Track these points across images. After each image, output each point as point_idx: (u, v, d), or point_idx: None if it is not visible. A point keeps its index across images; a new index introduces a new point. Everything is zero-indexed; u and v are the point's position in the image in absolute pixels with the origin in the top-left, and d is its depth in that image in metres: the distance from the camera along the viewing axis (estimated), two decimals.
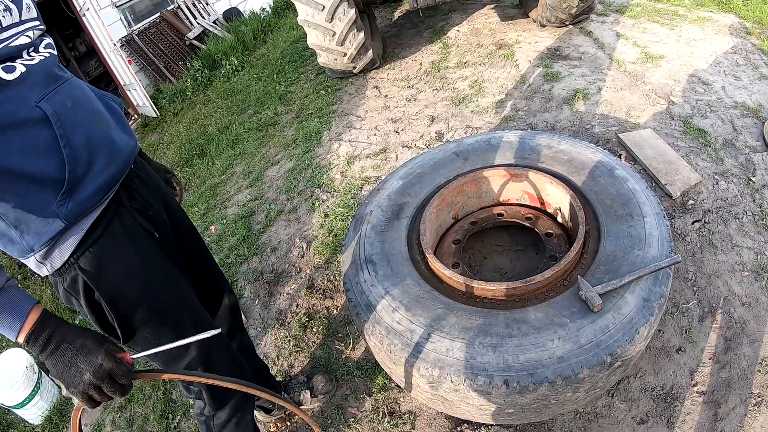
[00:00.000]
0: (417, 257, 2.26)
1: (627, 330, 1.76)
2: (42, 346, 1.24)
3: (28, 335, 1.24)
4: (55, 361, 1.24)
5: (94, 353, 1.23)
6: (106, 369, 1.23)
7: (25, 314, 1.24)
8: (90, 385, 1.22)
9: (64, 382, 1.23)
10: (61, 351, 1.24)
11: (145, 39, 9.36)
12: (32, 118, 1.30)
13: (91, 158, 1.43)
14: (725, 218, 2.88)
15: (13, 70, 1.28)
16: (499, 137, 2.71)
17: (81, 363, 1.23)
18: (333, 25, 4.70)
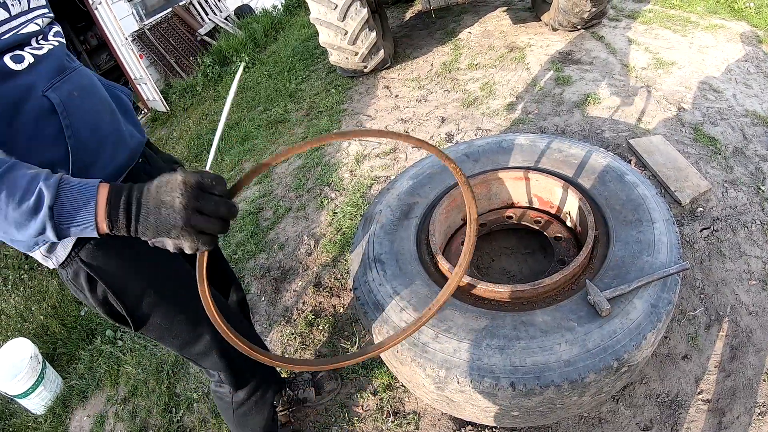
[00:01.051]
0: (426, 257, 2.26)
1: (634, 335, 1.76)
2: (126, 216, 1.10)
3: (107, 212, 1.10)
4: (144, 220, 1.09)
5: (171, 179, 1.08)
6: (192, 183, 1.08)
7: (94, 189, 1.10)
8: (188, 210, 1.06)
9: (163, 230, 1.09)
10: (144, 204, 1.09)
11: (157, 34, 9.39)
12: (40, 107, 1.29)
13: (97, 149, 1.42)
14: (734, 226, 2.87)
15: (22, 60, 1.27)
16: (510, 140, 2.71)
17: (166, 196, 1.07)
18: (345, 24, 4.71)
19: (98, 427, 3.01)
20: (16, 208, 1.06)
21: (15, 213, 1.07)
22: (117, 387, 3.17)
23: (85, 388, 3.26)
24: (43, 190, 1.07)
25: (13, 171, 1.09)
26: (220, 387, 1.98)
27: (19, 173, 1.09)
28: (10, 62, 1.23)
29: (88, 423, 3.08)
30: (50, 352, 3.63)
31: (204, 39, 9.65)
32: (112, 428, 2.96)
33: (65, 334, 3.73)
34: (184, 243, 1.10)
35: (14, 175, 1.08)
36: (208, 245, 1.12)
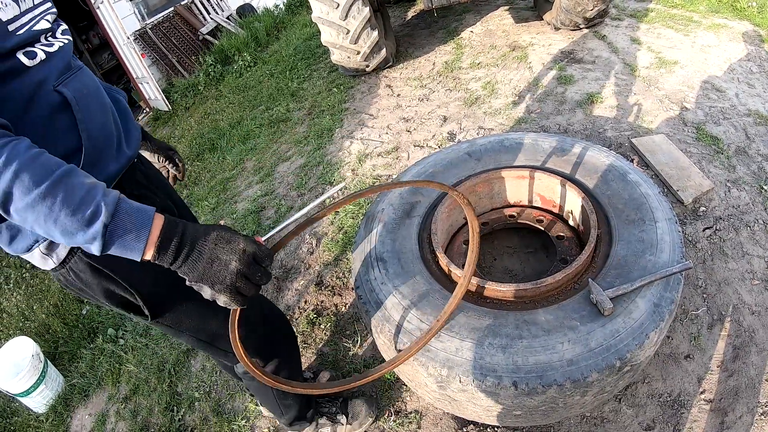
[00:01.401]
0: (428, 256, 2.26)
1: (637, 335, 1.76)
2: (175, 253, 1.15)
3: (157, 245, 1.13)
4: (193, 264, 1.16)
5: (233, 241, 1.18)
6: (250, 253, 1.18)
7: (150, 220, 1.13)
8: (238, 275, 1.16)
9: (208, 281, 1.16)
10: (198, 251, 1.16)
11: (159, 33, 9.39)
12: (52, 102, 1.29)
13: (104, 147, 1.43)
14: (736, 226, 2.87)
15: (35, 56, 1.27)
16: (513, 139, 2.71)
17: (223, 254, 1.16)
18: (347, 23, 4.70)
19: (99, 425, 3.01)
20: (69, 216, 1.06)
21: (66, 219, 1.06)
22: (118, 386, 3.17)
23: (87, 387, 3.26)
24: (102, 206, 1.08)
25: (71, 177, 1.09)
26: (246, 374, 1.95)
27: (78, 181, 1.09)
28: (24, 58, 1.24)
29: (89, 421, 3.08)
30: (52, 351, 3.63)
31: (206, 38, 9.66)
32: (114, 427, 2.96)
33: (67, 333, 3.73)
34: (222, 297, 1.18)
35: (73, 181, 1.08)
36: (241, 305, 1.21)
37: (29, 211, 1.06)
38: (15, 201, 1.05)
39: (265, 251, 1.21)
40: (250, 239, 1.20)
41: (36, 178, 1.05)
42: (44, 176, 1.05)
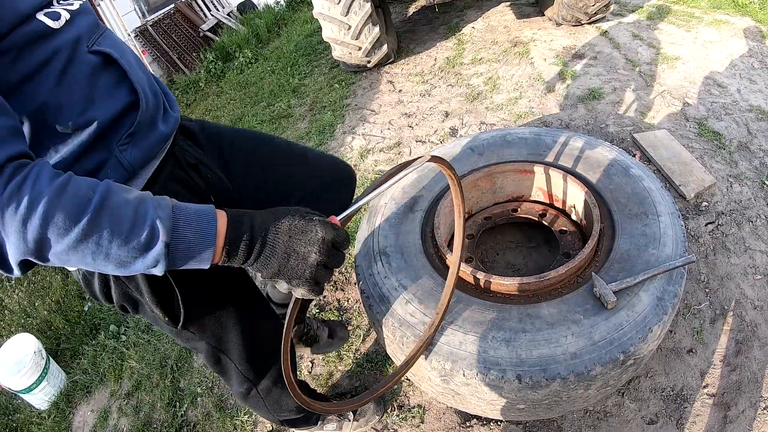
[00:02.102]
0: (431, 250, 2.26)
1: (640, 328, 1.76)
2: (246, 253, 1.04)
3: (226, 247, 1.02)
4: (266, 261, 1.05)
5: (310, 230, 1.05)
6: (329, 241, 1.06)
7: (213, 219, 1.02)
8: (318, 267, 1.05)
9: (285, 276, 1.05)
10: (271, 246, 1.04)
11: (159, 30, 9.38)
12: (91, 62, 1.17)
13: (154, 104, 1.31)
14: (739, 221, 2.87)
15: (59, 16, 1.13)
16: (515, 133, 2.71)
17: (300, 246, 1.04)
18: (348, 19, 4.70)
19: (102, 422, 3.01)
20: (122, 245, 0.93)
21: (120, 250, 0.93)
22: (121, 382, 3.17)
23: (89, 383, 3.26)
24: (157, 224, 0.95)
25: (111, 198, 0.94)
26: (241, 388, 1.83)
27: (120, 200, 0.94)
28: (47, 20, 1.10)
29: (91, 418, 3.08)
30: (54, 348, 3.63)
31: (207, 35, 9.65)
32: (116, 423, 2.96)
33: (69, 330, 3.73)
34: (299, 290, 1.08)
35: (116, 203, 0.93)
36: (319, 294, 1.11)
37: (72, 253, 0.91)
38: (53, 247, 0.90)
39: (343, 235, 1.09)
40: (327, 224, 1.07)
41: (71, 214, 0.88)
42: (81, 209, 0.89)
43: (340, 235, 1.08)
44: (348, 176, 2.02)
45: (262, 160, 1.73)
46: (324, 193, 1.88)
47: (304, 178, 1.82)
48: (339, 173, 1.96)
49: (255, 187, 1.69)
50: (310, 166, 1.88)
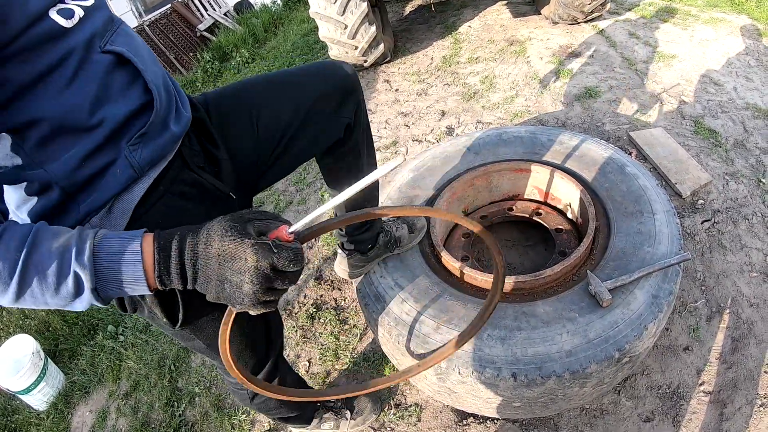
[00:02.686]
0: (427, 250, 2.27)
1: (635, 326, 1.76)
2: (181, 279, 0.98)
3: (157, 274, 0.96)
4: (204, 286, 0.98)
5: (238, 257, 0.93)
6: (264, 267, 0.93)
7: (138, 252, 0.96)
8: (256, 294, 0.95)
9: (228, 302, 0.98)
10: (203, 273, 0.96)
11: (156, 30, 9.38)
12: (104, 62, 1.12)
13: (168, 103, 1.26)
14: (735, 219, 2.87)
15: (72, 14, 1.06)
16: (511, 132, 2.71)
17: (232, 275, 0.94)
18: (345, 18, 4.70)
19: (100, 422, 3.01)
20: (54, 296, 0.93)
21: (54, 299, 0.94)
22: (119, 382, 3.17)
23: (87, 384, 3.26)
24: (80, 273, 0.93)
25: (36, 251, 0.92)
26: (235, 385, 1.85)
27: (44, 251, 0.92)
28: (59, 18, 1.04)
29: (90, 418, 3.08)
30: (52, 348, 3.63)
31: (203, 35, 9.66)
32: (114, 423, 2.96)
33: (67, 330, 3.73)
34: (250, 312, 1.00)
35: (40, 257, 0.92)
36: (274, 308, 1.02)
37: (21, 304, 0.94)
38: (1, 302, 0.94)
39: (286, 255, 0.95)
40: (262, 246, 0.93)
41: (3, 276, 0.90)
42: (11, 270, 0.90)
43: (282, 257, 0.95)
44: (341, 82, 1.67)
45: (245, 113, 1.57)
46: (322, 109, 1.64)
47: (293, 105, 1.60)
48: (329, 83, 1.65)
49: (253, 144, 1.56)
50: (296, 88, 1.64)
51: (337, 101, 1.64)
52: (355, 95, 1.68)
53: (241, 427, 2.62)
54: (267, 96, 1.57)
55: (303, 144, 1.62)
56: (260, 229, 1.00)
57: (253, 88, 1.59)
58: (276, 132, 1.56)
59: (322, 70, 1.65)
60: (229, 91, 1.60)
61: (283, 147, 1.58)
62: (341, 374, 2.67)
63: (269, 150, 1.56)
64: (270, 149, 1.56)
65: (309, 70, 1.66)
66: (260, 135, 1.54)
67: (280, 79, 1.63)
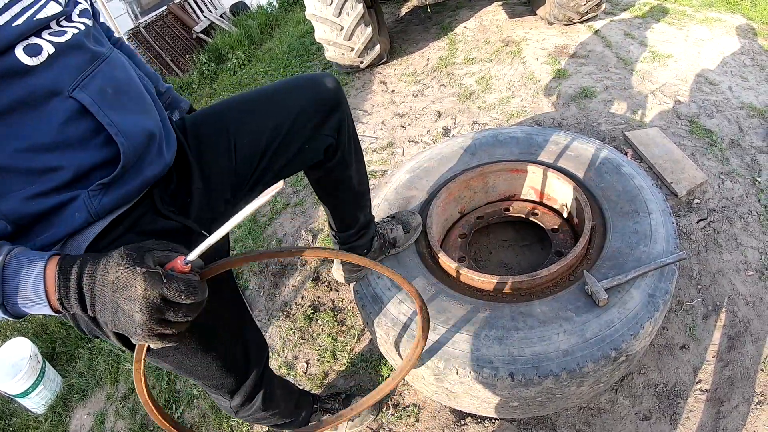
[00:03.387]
0: (424, 250, 2.27)
1: (632, 325, 1.77)
2: (80, 305, 0.94)
3: (58, 300, 0.94)
4: (102, 315, 0.95)
5: (129, 285, 0.90)
6: (154, 298, 0.90)
7: (41, 282, 0.93)
8: (147, 325, 0.92)
9: (124, 331, 0.95)
10: (100, 300, 0.93)
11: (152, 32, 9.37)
12: (67, 110, 1.06)
13: (146, 148, 1.21)
14: (730, 218, 2.88)
15: (39, 51, 1.01)
16: (507, 133, 2.72)
17: (124, 304, 0.91)
18: (341, 20, 4.70)
19: (99, 425, 3.00)
20: None
21: None
22: (117, 384, 3.17)
23: (85, 387, 3.25)
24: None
25: None
26: (213, 393, 1.78)
27: None
28: (23, 56, 0.99)
29: (88, 421, 3.08)
30: (50, 351, 3.63)
31: (199, 36, 9.64)
32: (113, 426, 2.96)
33: (64, 333, 3.72)
34: (150, 344, 0.98)
35: None
36: (174, 342, 0.99)
37: None
38: None
39: (176, 286, 0.92)
40: (152, 276, 0.91)
41: None
42: None
43: (172, 287, 0.91)
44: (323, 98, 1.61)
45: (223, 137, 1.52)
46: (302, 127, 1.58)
47: (272, 125, 1.55)
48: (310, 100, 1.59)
49: (231, 169, 1.51)
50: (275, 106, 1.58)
51: (319, 119, 1.60)
52: (338, 111, 1.65)
53: (239, 429, 2.62)
54: (245, 118, 1.53)
55: (282, 164, 1.59)
56: (159, 259, 0.96)
57: (230, 111, 1.55)
58: (255, 155, 1.52)
59: (302, 86, 1.60)
60: (207, 115, 1.56)
61: (262, 169, 1.55)
62: (339, 375, 2.68)
63: (248, 174, 1.53)
64: (249, 173, 1.53)
65: (289, 86, 1.61)
66: (238, 159, 1.50)
67: (259, 98, 1.58)
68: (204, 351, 1.47)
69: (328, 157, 1.70)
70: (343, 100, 1.66)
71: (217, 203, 1.47)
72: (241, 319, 1.68)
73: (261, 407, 1.82)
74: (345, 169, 1.80)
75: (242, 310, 1.69)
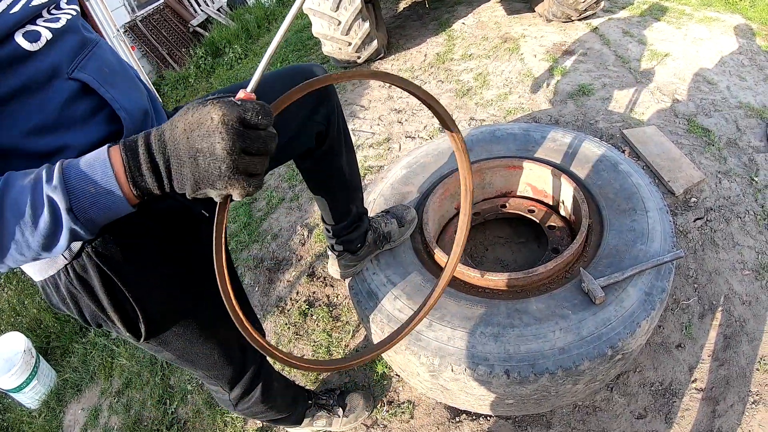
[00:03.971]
0: (419, 246, 2.26)
1: (628, 323, 1.77)
2: (155, 178, 0.92)
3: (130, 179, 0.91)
4: (180, 175, 0.91)
5: (204, 119, 0.87)
6: (232, 120, 0.86)
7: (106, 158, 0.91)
8: (232, 157, 0.87)
9: (205, 183, 0.90)
10: (175, 156, 0.90)
11: (149, 25, 9.33)
12: (69, 89, 1.07)
13: (142, 124, 1.19)
14: (727, 217, 2.88)
15: (38, 37, 1.02)
16: (504, 129, 2.71)
17: (202, 142, 0.87)
18: (338, 14, 4.68)
19: (93, 420, 2.99)
20: (34, 232, 0.89)
21: (37, 238, 0.89)
22: (111, 380, 3.16)
23: (79, 382, 3.24)
24: (52, 196, 0.87)
25: (8, 192, 0.88)
26: (212, 385, 1.79)
27: (15, 190, 0.89)
28: (23, 41, 1.00)
29: (82, 416, 3.06)
30: (44, 346, 3.61)
31: (196, 30, 9.61)
32: (107, 421, 2.95)
33: (58, 328, 3.71)
34: (234, 191, 0.91)
35: (12, 196, 0.88)
36: (259, 187, 0.94)
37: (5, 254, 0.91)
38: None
39: (252, 107, 0.89)
40: (223, 103, 0.88)
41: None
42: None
43: (248, 108, 0.88)
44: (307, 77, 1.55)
45: None
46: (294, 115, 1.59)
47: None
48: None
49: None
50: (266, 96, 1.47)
51: (309, 108, 1.60)
52: (328, 101, 1.65)
53: (233, 425, 2.61)
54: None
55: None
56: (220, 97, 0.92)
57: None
58: None
59: (293, 76, 1.58)
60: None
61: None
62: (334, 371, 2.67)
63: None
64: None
65: (281, 76, 1.59)
66: None
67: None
68: (206, 338, 1.48)
69: (318, 144, 1.71)
70: (332, 91, 1.68)
71: None
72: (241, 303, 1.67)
73: (260, 399, 1.83)
74: (335, 157, 1.80)
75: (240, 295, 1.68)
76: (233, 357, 1.63)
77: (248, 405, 1.83)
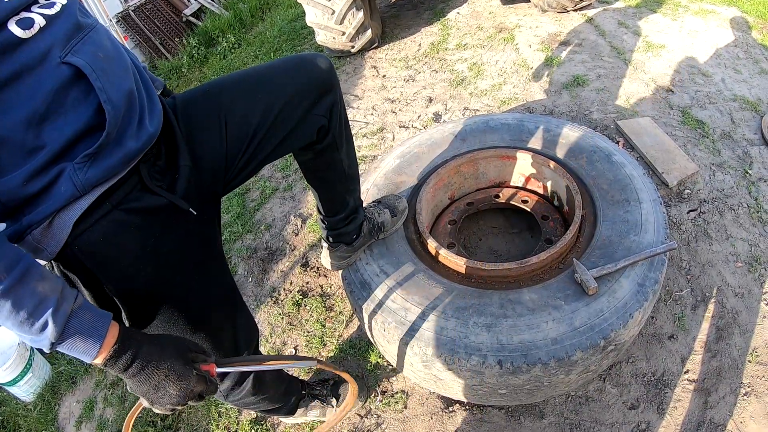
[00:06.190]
0: (413, 236, 2.25)
1: (621, 314, 1.76)
2: (123, 368, 1.11)
3: (106, 359, 1.09)
4: (138, 383, 1.13)
5: (185, 378, 1.15)
6: (197, 392, 1.18)
7: (101, 336, 1.08)
8: (177, 405, 1.17)
9: (148, 400, 1.16)
10: (147, 374, 1.13)
11: (141, 15, 9.26)
12: (61, 75, 1.07)
13: (129, 118, 1.19)
14: (721, 209, 2.88)
15: (31, 24, 1.03)
16: (498, 119, 2.70)
17: (171, 388, 1.14)
18: (332, 4, 4.65)
19: (88, 412, 2.98)
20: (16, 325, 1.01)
21: (14, 327, 1.01)
22: (105, 371, 3.15)
23: (74, 374, 3.23)
24: (49, 324, 1.02)
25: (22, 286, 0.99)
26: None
27: (28, 288, 1.00)
28: (17, 29, 1.01)
29: (77, 408, 3.06)
30: None
31: (189, 20, 9.55)
32: (102, 413, 2.94)
33: None
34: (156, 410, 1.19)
35: (22, 292, 0.99)
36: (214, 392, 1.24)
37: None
38: None
39: (212, 389, 1.22)
40: (203, 378, 1.19)
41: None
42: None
43: (210, 390, 1.21)
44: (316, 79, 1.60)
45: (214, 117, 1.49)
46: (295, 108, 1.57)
47: (263, 105, 1.53)
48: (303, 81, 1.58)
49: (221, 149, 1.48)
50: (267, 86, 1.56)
51: (311, 100, 1.58)
52: (331, 93, 1.64)
53: (227, 415, 2.60)
54: (236, 98, 1.51)
55: (273, 146, 1.56)
56: (196, 359, 1.21)
57: (221, 91, 1.53)
58: (245, 135, 1.50)
59: (296, 67, 1.58)
60: (197, 94, 1.54)
61: (252, 150, 1.52)
62: (328, 361, 2.66)
63: (238, 154, 1.51)
64: (239, 153, 1.50)
65: (282, 67, 1.59)
66: (229, 139, 1.48)
67: (251, 78, 1.57)
68: (193, 331, 1.48)
69: (319, 138, 1.69)
70: (336, 82, 1.65)
71: (205, 181, 1.45)
72: (231, 299, 1.67)
73: (251, 391, 1.83)
74: (335, 151, 1.78)
75: (231, 290, 1.67)
76: (223, 349, 1.62)
77: (239, 396, 1.83)
